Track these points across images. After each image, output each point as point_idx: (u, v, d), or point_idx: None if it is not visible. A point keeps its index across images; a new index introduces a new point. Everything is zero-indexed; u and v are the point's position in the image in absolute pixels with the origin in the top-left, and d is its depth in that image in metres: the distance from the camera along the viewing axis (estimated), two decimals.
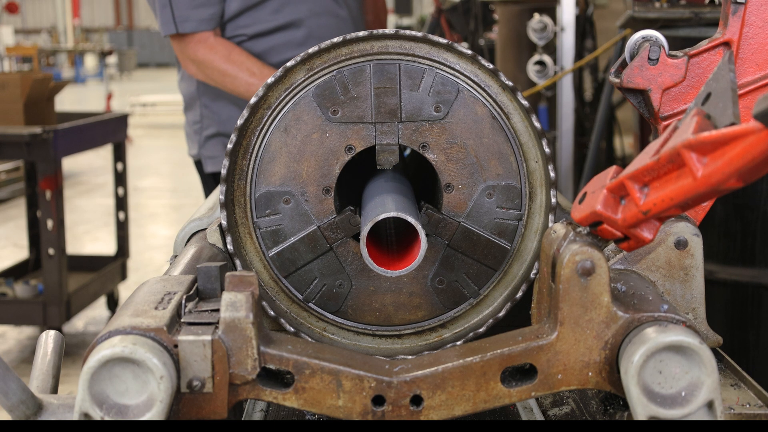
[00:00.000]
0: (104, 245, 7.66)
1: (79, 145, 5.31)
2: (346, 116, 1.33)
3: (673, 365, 0.98)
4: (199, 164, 3.07)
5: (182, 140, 3.29)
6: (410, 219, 1.17)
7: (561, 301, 1.05)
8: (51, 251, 4.83)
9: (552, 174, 1.32)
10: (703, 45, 1.33)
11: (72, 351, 5.10)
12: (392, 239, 1.42)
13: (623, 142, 6.47)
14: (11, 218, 8.82)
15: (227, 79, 2.73)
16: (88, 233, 8.29)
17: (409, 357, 1.29)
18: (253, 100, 1.31)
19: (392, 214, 1.17)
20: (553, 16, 4.44)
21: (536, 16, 4.44)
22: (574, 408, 1.32)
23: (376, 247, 1.27)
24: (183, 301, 1.08)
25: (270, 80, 1.31)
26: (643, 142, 4.44)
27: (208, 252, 1.38)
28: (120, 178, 5.72)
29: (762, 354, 2.90)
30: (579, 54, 4.92)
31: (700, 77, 1.33)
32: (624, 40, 4.04)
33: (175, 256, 1.46)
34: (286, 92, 1.33)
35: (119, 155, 5.75)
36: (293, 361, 1.05)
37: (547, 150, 1.32)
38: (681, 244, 1.24)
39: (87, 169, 11.85)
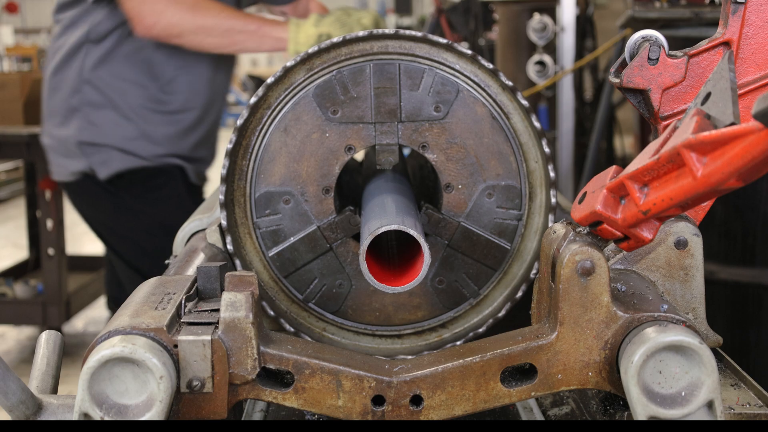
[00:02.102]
0: None
1: None
2: (345, 116, 1.33)
3: (673, 365, 0.98)
4: (88, 178, 2.72)
5: None
6: (413, 232, 1.13)
7: (561, 301, 1.05)
8: (51, 251, 4.83)
9: (552, 174, 1.32)
10: (703, 45, 1.33)
11: (72, 351, 5.10)
12: (392, 242, 1.42)
13: (623, 142, 6.47)
14: (11, 218, 8.82)
15: (200, 33, 2.43)
16: (88, 233, 8.22)
17: (409, 357, 1.29)
18: (252, 100, 1.31)
19: (393, 227, 1.13)
20: (553, 16, 4.44)
21: (536, 16, 4.44)
22: (574, 408, 1.32)
23: (375, 253, 1.25)
24: (183, 301, 1.08)
25: (270, 80, 1.31)
26: (643, 142, 4.45)
27: (208, 252, 1.38)
28: None
29: (762, 354, 2.90)
30: (579, 54, 4.91)
31: (700, 77, 1.32)
32: (624, 40, 4.04)
33: (175, 256, 1.46)
34: (286, 92, 1.33)
35: None
36: (293, 361, 1.05)
37: (547, 150, 1.32)
38: (681, 244, 1.23)
39: None
